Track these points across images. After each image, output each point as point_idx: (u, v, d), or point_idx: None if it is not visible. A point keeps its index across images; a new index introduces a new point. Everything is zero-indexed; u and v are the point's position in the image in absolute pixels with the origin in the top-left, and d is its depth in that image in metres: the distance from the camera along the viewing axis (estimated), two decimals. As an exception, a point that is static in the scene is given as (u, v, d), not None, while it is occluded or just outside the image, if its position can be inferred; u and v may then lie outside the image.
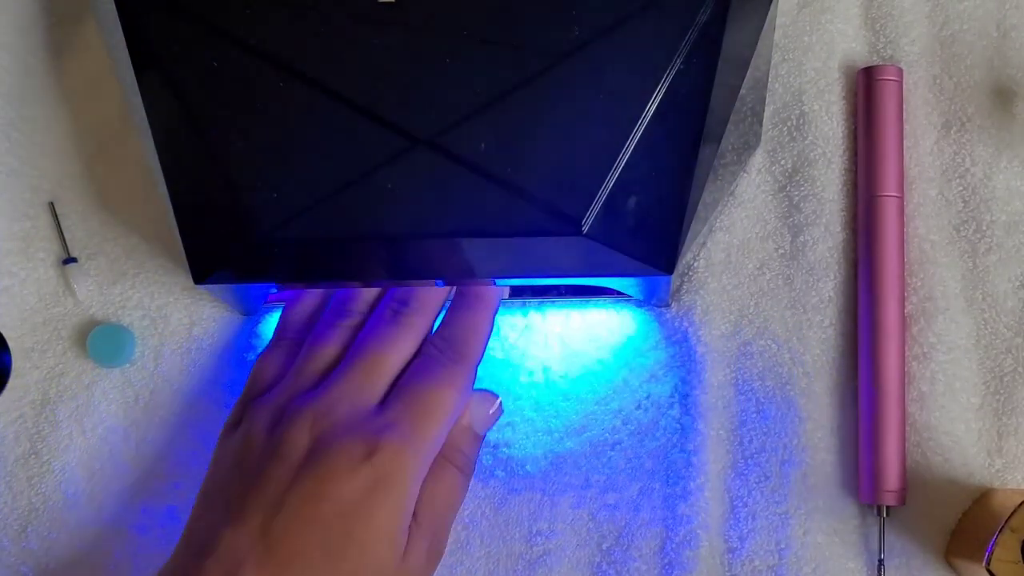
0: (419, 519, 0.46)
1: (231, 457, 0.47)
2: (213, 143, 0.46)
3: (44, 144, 0.56)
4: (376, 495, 0.44)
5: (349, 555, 0.44)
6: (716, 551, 0.51)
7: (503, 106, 0.45)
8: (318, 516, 0.44)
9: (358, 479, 0.44)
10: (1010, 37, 0.54)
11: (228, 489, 0.46)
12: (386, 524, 0.44)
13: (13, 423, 0.54)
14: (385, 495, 0.44)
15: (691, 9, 0.45)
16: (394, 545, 0.45)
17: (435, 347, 0.48)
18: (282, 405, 0.47)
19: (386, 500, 0.44)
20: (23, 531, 0.53)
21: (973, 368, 0.52)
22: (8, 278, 0.55)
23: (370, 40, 0.46)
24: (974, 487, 0.51)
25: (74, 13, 0.56)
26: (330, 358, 0.48)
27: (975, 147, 0.53)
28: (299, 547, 0.43)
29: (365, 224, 0.45)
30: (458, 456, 0.48)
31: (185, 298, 0.55)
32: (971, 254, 0.53)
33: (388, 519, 0.44)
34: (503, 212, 0.44)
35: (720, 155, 0.48)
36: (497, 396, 0.50)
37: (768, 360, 0.53)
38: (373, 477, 0.44)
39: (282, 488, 0.44)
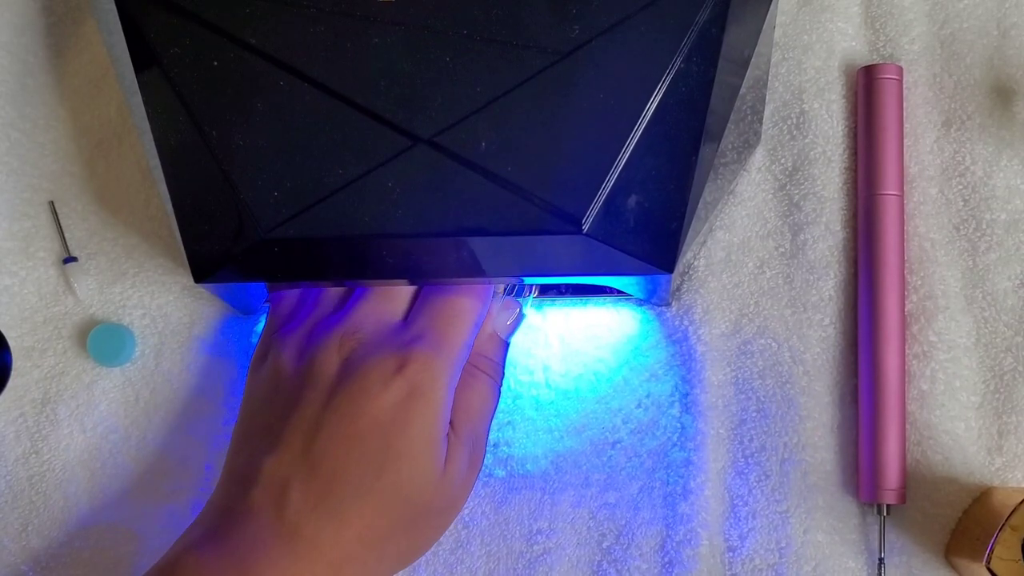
0: (456, 428, 0.47)
1: (263, 390, 0.48)
2: (213, 143, 0.46)
3: (44, 144, 0.56)
4: (411, 405, 0.45)
5: (391, 467, 0.44)
6: (716, 550, 0.51)
7: (504, 105, 0.45)
8: (356, 432, 0.44)
9: (392, 392, 0.45)
10: (1010, 36, 0.54)
11: (264, 420, 0.47)
12: (424, 433, 0.45)
13: (13, 422, 0.54)
14: (420, 404, 0.45)
15: (691, 9, 0.45)
16: (434, 453, 0.45)
17: None
18: (307, 332, 0.48)
19: (422, 409, 0.45)
20: (23, 530, 0.53)
21: (973, 367, 0.52)
22: (8, 278, 0.55)
23: (370, 40, 0.46)
24: (974, 485, 0.51)
25: (74, 13, 0.56)
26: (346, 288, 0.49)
27: (975, 146, 0.53)
28: (341, 464, 0.44)
29: (365, 223, 0.45)
30: (485, 363, 0.49)
31: (185, 298, 0.55)
32: (971, 253, 0.53)
33: (425, 428, 0.45)
34: (504, 211, 0.44)
35: (720, 154, 0.48)
36: (518, 302, 0.51)
37: (768, 359, 0.53)
38: (406, 388, 0.45)
39: (318, 410, 0.45)
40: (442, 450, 0.46)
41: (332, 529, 0.44)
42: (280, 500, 0.44)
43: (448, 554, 0.52)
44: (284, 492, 0.44)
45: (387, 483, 0.44)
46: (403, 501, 0.45)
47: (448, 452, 0.46)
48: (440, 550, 0.52)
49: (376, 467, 0.44)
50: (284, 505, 0.44)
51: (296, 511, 0.44)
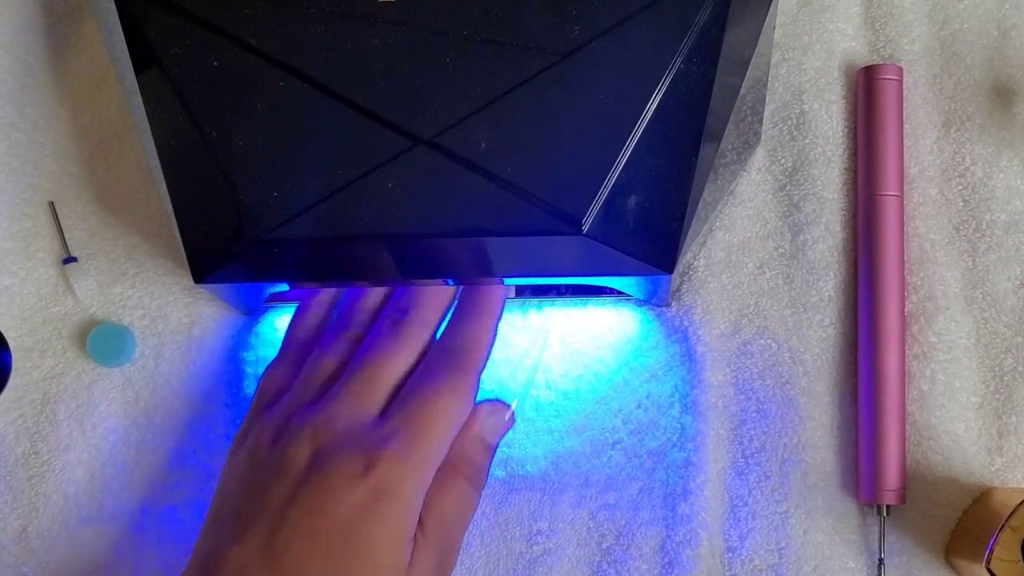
0: (426, 532, 0.45)
1: (238, 471, 0.47)
2: (213, 143, 0.46)
3: (44, 144, 0.56)
4: (376, 507, 0.44)
5: (351, 568, 0.43)
6: (716, 550, 0.51)
7: (504, 106, 0.45)
8: (319, 530, 0.43)
9: (357, 492, 0.44)
10: (1010, 36, 0.54)
11: (234, 504, 0.46)
12: (388, 536, 0.44)
13: (13, 422, 0.54)
14: (385, 507, 0.44)
15: (691, 9, 0.45)
16: (398, 557, 0.44)
17: (436, 356, 0.47)
18: (285, 418, 0.47)
19: (386, 512, 0.44)
20: (23, 531, 0.53)
21: (973, 367, 0.52)
22: (8, 278, 0.55)
23: (370, 40, 0.46)
24: (974, 486, 0.51)
25: (74, 13, 0.56)
26: (332, 370, 0.48)
27: (975, 146, 0.53)
28: (301, 562, 0.43)
29: (366, 224, 0.45)
30: (467, 467, 0.47)
31: (185, 298, 0.55)
32: (971, 253, 0.53)
33: (389, 531, 0.44)
34: (504, 211, 0.44)
35: (720, 154, 0.48)
36: (509, 406, 0.49)
37: (768, 359, 0.53)
38: (372, 490, 0.44)
39: (283, 503, 0.44)
40: (406, 554, 0.44)
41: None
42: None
43: (448, 554, 0.52)
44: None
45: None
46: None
47: (414, 555, 0.45)
48: (440, 550, 0.52)
49: (337, 568, 0.43)
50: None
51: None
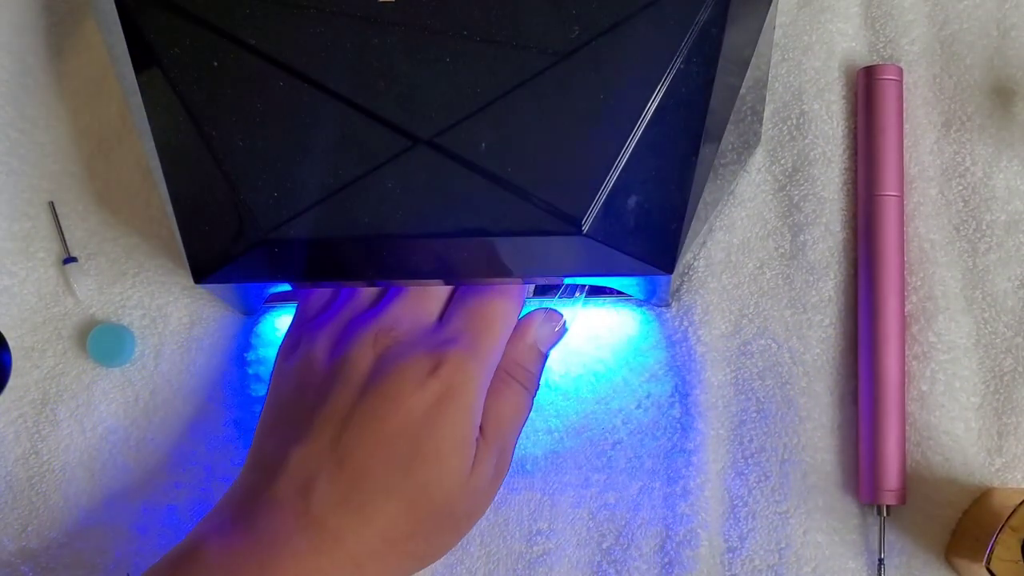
0: (486, 434, 0.47)
1: (293, 380, 0.48)
2: (213, 143, 0.46)
3: (44, 144, 0.56)
4: (442, 407, 0.45)
5: (418, 467, 0.44)
6: (716, 550, 0.51)
7: (503, 106, 0.45)
8: (387, 430, 0.45)
9: (425, 393, 0.45)
10: (1010, 37, 0.54)
11: (293, 410, 0.47)
12: (453, 435, 0.45)
13: (13, 423, 0.54)
14: (451, 407, 0.45)
15: (691, 9, 0.45)
16: (462, 456, 0.45)
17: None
18: (342, 326, 0.48)
19: (453, 412, 0.45)
20: (23, 531, 0.53)
21: (973, 367, 0.52)
22: (8, 278, 0.55)
23: (370, 40, 0.46)
24: (974, 486, 0.51)
25: (74, 13, 0.56)
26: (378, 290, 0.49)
27: (975, 146, 0.53)
28: (369, 461, 0.44)
29: (366, 224, 0.45)
30: (522, 373, 0.49)
31: (185, 298, 0.55)
32: (971, 253, 0.53)
33: (455, 430, 0.45)
34: (503, 212, 0.44)
35: (720, 155, 0.48)
36: (562, 315, 0.50)
37: (768, 359, 0.53)
38: (439, 390, 0.45)
39: (349, 405, 0.45)
40: (470, 454, 0.46)
41: (356, 525, 0.44)
42: (306, 492, 0.44)
43: (448, 554, 0.52)
44: (310, 484, 0.44)
45: (414, 483, 0.45)
46: (428, 502, 0.45)
47: (476, 457, 0.46)
48: (440, 550, 0.52)
49: (404, 467, 0.44)
50: (310, 497, 0.44)
51: (321, 504, 0.44)
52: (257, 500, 0.45)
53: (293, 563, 0.43)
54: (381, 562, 0.45)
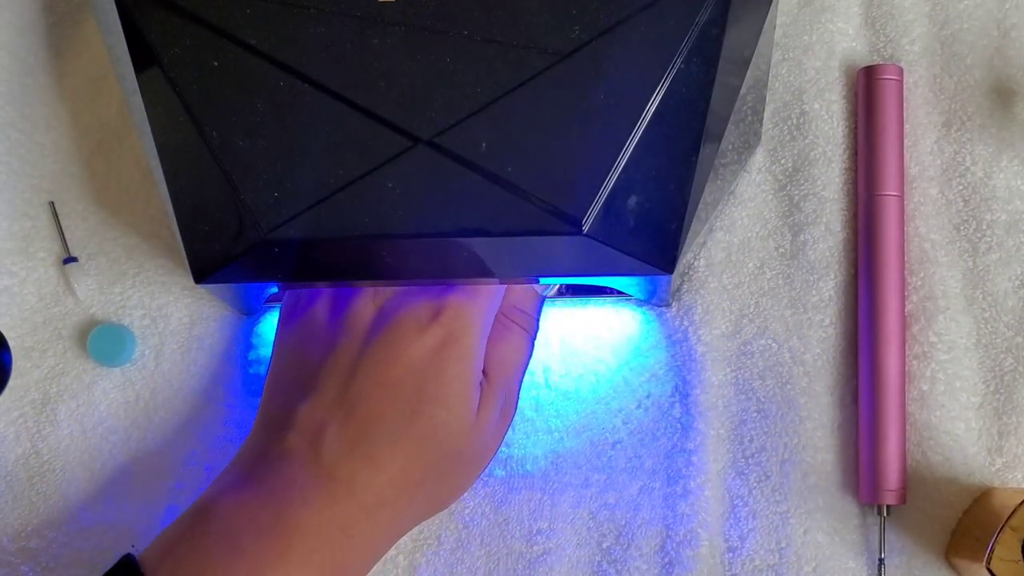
0: (489, 377, 0.48)
1: (295, 338, 0.48)
2: (213, 143, 0.46)
3: (44, 144, 0.56)
4: (445, 352, 0.46)
5: (425, 411, 0.45)
6: (716, 550, 0.51)
7: (503, 106, 0.45)
8: (392, 377, 0.45)
9: (427, 339, 0.46)
10: (1010, 36, 0.54)
11: (298, 367, 0.47)
12: (458, 378, 0.46)
13: (13, 422, 0.54)
14: (454, 351, 0.46)
15: (691, 9, 0.45)
16: (467, 399, 0.46)
17: None
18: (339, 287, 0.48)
19: (456, 356, 0.46)
20: (23, 531, 0.53)
21: (973, 367, 0.52)
22: (8, 278, 0.55)
23: (370, 40, 0.46)
24: (974, 486, 0.51)
25: (74, 13, 0.56)
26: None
27: (975, 146, 0.53)
28: (376, 408, 0.45)
29: (366, 224, 0.45)
30: (521, 316, 0.50)
31: (185, 298, 0.55)
32: (971, 253, 0.53)
33: (459, 373, 0.46)
34: (504, 211, 0.44)
35: (720, 154, 0.48)
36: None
37: (768, 359, 0.53)
38: (441, 335, 0.46)
39: (353, 357, 0.46)
40: (475, 397, 0.47)
41: (366, 472, 0.45)
42: (316, 443, 0.45)
43: (448, 554, 0.52)
44: (320, 436, 0.45)
45: (421, 428, 0.45)
46: (436, 446, 0.46)
47: (481, 400, 0.47)
48: (441, 550, 0.52)
49: (410, 412, 0.45)
50: (320, 448, 0.45)
51: (332, 454, 0.45)
52: (268, 455, 0.46)
53: (306, 513, 0.44)
54: (393, 508, 0.45)
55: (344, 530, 0.44)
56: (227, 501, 0.45)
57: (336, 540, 0.44)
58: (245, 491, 0.45)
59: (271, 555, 0.43)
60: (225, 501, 0.45)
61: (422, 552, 0.52)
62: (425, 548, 0.52)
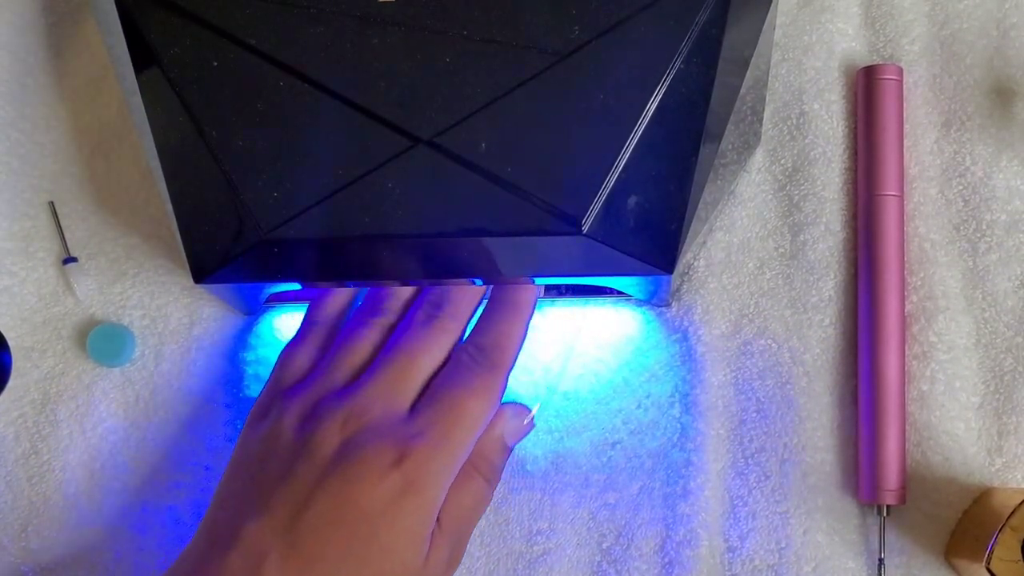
0: (443, 525, 0.46)
1: (258, 448, 0.47)
2: (213, 143, 0.46)
3: (44, 144, 0.56)
4: (404, 501, 0.44)
5: (373, 557, 0.44)
6: (716, 550, 0.51)
7: (503, 106, 0.45)
8: (345, 517, 0.44)
9: (386, 484, 0.44)
10: (1010, 36, 0.54)
11: (253, 482, 0.46)
12: (412, 529, 0.45)
13: (13, 423, 0.54)
14: (412, 502, 0.44)
15: (691, 9, 0.45)
16: (418, 550, 0.45)
17: (468, 354, 0.47)
18: (313, 401, 0.47)
19: (413, 506, 0.44)
20: (23, 531, 0.53)
21: (973, 367, 0.52)
22: (8, 278, 0.55)
23: (370, 40, 0.46)
24: (974, 486, 0.51)
25: (74, 13, 0.56)
26: (363, 356, 0.48)
27: (975, 146, 0.53)
28: (324, 546, 0.44)
29: (366, 224, 0.45)
30: (485, 465, 0.48)
31: (185, 298, 0.55)
32: (971, 253, 0.53)
33: (414, 524, 0.45)
34: (504, 211, 0.44)
35: (720, 154, 0.48)
36: (531, 410, 0.50)
37: (768, 359, 0.53)
38: (401, 483, 0.44)
39: (310, 486, 0.44)
40: (425, 547, 0.45)
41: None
42: (256, 570, 0.43)
43: (448, 554, 0.52)
44: (261, 563, 0.43)
45: (366, 573, 0.44)
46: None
47: (430, 547, 0.45)
48: (440, 550, 0.52)
49: (358, 557, 0.44)
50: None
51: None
52: (207, 571, 0.44)
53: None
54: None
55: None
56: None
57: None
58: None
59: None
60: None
61: (422, 552, 0.52)
62: (425, 548, 0.52)
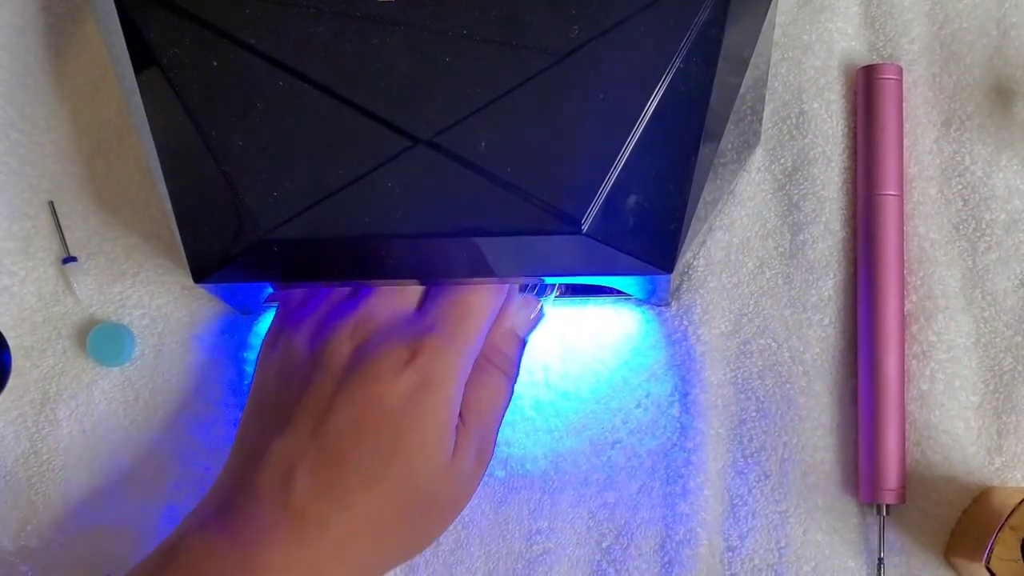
0: (466, 421, 0.47)
1: (274, 372, 0.48)
2: (213, 143, 0.46)
3: (44, 144, 0.56)
4: (422, 395, 0.45)
5: (399, 454, 0.45)
6: (716, 550, 0.51)
7: (503, 105, 0.45)
8: (367, 418, 0.45)
9: (403, 381, 0.45)
10: (1010, 36, 0.54)
11: (274, 402, 0.47)
12: (433, 423, 0.45)
13: (13, 422, 0.54)
14: (430, 396, 0.45)
15: (691, 9, 0.45)
16: (442, 444, 0.46)
17: None
18: (320, 318, 0.48)
19: (432, 400, 0.45)
20: (23, 530, 0.53)
21: (973, 366, 0.52)
22: (8, 278, 0.55)
23: (370, 40, 0.46)
24: (974, 485, 0.51)
25: (74, 13, 0.56)
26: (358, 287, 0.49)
27: (975, 146, 0.53)
28: (350, 450, 0.45)
29: (365, 224, 0.45)
30: (501, 359, 0.49)
31: (185, 298, 0.55)
32: (971, 253, 0.53)
33: (435, 418, 0.45)
34: (503, 211, 0.44)
35: (720, 154, 0.48)
36: (539, 300, 0.51)
37: (768, 359, 0.53)
38: (417, 378, 0.45)
39: (328, 395, 0.45)
40: (450, 441, 0.46)
41: (337, 515, 0.44)
42: (287, 483, 0.44)
43: (448, 554, 0.52)
44: (291, 475, 0.44)
45: (395, 471, 0.45)
46: (410, 490, 0.45)
47: (456, 444, 0.46)
48: (440, 550, 0.52)
49: (385, 455, 0.45)
50: (290, 488, 0.44)
51: (302, 495, 0.44)
52: (239, 493, 0.45)
53: (275, 555, 0.44)
54: (364, 550, 0.45)
55: (314, 571, 0.44)
56: (196, 540, 0.44)
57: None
58: (214, 530, 0.44)
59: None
60: (194, 540, 0.44)
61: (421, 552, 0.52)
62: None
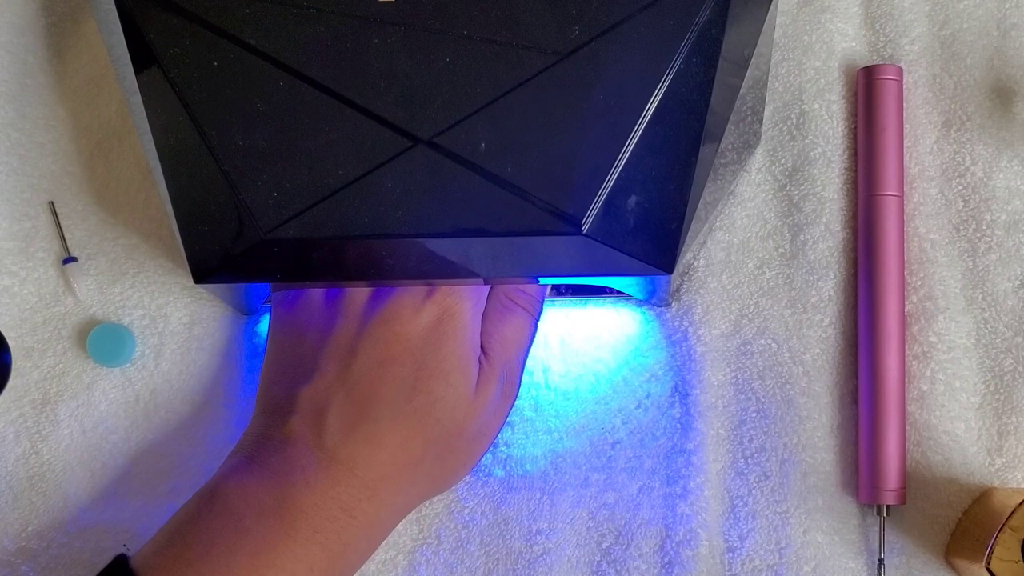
0: (489, 356, 0.48)
1: (291, 324, 0.49)
2: (213, 143, 0.46)
3: (44, 144, 0.56)
4: (441, 327, 0.47)
5: (424, 387, 0.46)
6: (716, 550, 0.51)
7: (504, 105, 0.45)
8: (391, 355, 0.46)
9: (423, 315, 0.47)
10: (1010, 36, 0.54)
11: (296, 352, 0.48)
12: (455, 353, 0.47)
13: (13, 422, 0.54)
14: (450, 326, 0.47)
15: (691, 9, 0.45)
16: (466, 375, 0.47)
17: None
18: None
19: (451, 331, 0.47)
20: (23, 530, 0.53)
21: (973, 367, 0.52)
22: (8, 278, 0.55)
23: (370, 40, 0.46)
24: (974, 486, 0.51)
25: (74, 13, 0.56)
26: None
27: (975, 146, 0.53)
28: (376, 387, 0.46)
29: (365, 224, 0.45)
30: (523, 297, 0.50)
31: (185, 298, 0.55)
32: (971, 253, 0.53)
33: (456, 348, 0.47)
34: (503, 211, 0.44)
35: (720, 154, 0.48)
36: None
37: (768, 359, 0.53)
38: (436, 311, 0.47)
39: (351, 337, 0.47)
40: (473, 373, 0.47)
41: (367, 451, 0.46)
42: (317, 426, 0.46)
43: (448, 554, 0.52)
44: (322, 417, 0.46)
45: (420, 403, 0.46)
46: (435, 421, 0.46)
47: (480, 377, 0.47)
48: (440, 550, 0.52)
49: (409, 388, 0.46)
50: (322, 430, 0.46)
51: (333, 435, 0.45)
52: (271, 439, 0.46)
53: (309, 494, 0.45)
54: (394, 485, 0.46)
55: (347, 510, 0.45)
56: (231, 485, 0.46)
57: (339, 520, 0.45)
58: (249, 475, 0.46)
59: (275, 536, 0.44)
60: (229, 485, 0.46)
61: (421, 552, 0.52)
62: (425, 548, 0.52)
